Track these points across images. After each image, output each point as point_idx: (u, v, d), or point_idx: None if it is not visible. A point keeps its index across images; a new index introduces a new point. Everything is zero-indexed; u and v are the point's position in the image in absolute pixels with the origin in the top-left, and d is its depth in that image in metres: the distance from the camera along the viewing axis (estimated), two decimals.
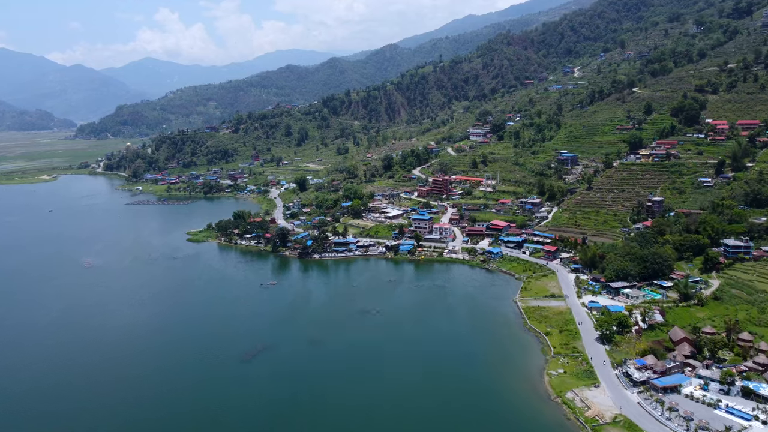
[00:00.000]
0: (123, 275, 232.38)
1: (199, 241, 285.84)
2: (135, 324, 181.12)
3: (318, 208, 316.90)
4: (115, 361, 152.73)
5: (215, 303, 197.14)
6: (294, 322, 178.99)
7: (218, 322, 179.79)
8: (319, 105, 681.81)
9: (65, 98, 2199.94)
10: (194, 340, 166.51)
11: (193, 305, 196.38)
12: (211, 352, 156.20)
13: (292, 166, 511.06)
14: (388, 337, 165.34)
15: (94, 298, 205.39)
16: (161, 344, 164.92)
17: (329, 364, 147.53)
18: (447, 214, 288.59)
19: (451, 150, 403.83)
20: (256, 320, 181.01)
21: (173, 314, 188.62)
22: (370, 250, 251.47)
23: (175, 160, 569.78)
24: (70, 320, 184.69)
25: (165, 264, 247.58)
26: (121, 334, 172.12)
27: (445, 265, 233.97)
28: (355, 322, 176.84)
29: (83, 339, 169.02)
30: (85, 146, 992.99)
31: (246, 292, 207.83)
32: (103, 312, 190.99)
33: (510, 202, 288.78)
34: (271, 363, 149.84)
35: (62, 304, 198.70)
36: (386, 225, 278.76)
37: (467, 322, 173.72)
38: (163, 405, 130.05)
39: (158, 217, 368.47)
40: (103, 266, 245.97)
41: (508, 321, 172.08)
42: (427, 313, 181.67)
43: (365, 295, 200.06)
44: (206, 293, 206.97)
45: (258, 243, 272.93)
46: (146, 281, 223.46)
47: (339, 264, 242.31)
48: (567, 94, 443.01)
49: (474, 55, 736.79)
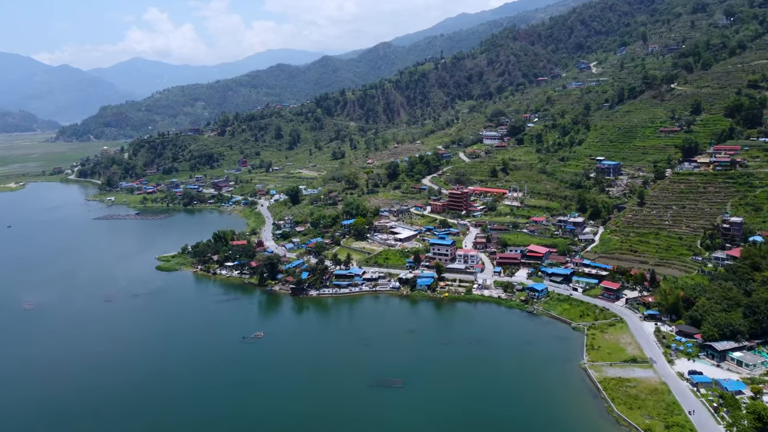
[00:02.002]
0: (64, 323, 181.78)
1: (171, 270, 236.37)
2: (47, 407, 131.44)
3: (314, 227, 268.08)
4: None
5: (180, 369, 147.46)
6: (286, 402, 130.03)
7: (178, 403, 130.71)
8: (312, 105, 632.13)
9: (52, 99, 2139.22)
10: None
11: (146, 375, 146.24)
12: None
13: (283, 172, 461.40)
14: (420, 428, 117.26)
15: (13, 361, 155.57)
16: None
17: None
18: (470, 235, 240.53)
19: (464, 155, 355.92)
20: (235, 398, 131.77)
21: (115, 392, 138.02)
22: (379, 284, 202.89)
23: (154, 166, 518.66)
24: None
25: (123, 305, 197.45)
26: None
27: (474, 305, 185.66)
28: (371, 401, 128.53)
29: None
30: (65, 149, 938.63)
31: (222, 349, 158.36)
32: (15, 384, 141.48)
33: (544, 220, 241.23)
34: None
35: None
36: (397, 250, 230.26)
37: (526, 407, 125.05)
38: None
39: (128, 234, 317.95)
40: (44, 307, 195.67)
41: (583, 402, 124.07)
42: (468, 389, 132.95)
43: (380, 354, 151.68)
44: (168, 354, 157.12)
45: (242, 273, 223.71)
46: (91, 333, 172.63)
47: (342, 304, 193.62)
48: (590, 92, 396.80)
49: (477, 51, 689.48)
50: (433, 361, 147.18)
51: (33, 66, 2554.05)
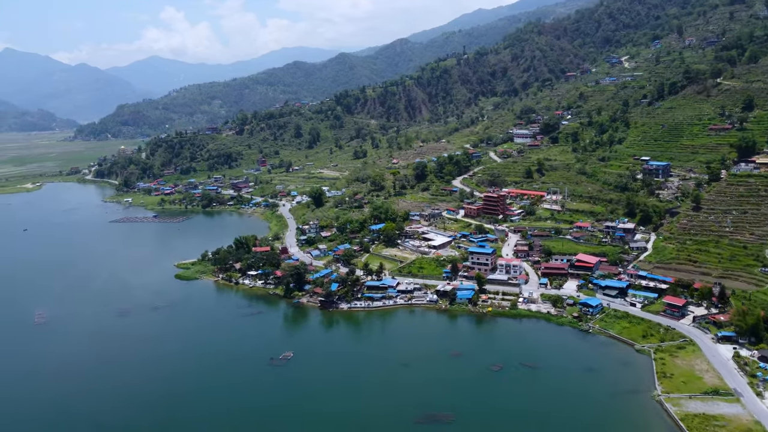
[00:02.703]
0: (76, 342, 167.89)
1: (191, 279, 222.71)
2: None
3: (340, 232, 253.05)
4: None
5: (203, 398, 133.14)
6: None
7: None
8: (332, 102, 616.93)
9: (70, 98, 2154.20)
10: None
11: (165, 405, 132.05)
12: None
13: (303, 172, 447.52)
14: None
15: (17, 388, 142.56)
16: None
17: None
18: (509, 242, 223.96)
19: (494, 155, 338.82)
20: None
21: (131, 425, 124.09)
22: (415, 296, 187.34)
23: (172, 166, 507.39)
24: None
25: (139, 319, 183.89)
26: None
27: (521, 321, 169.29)
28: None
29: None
30: (82, 148, 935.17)
31: (249, 373, 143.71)
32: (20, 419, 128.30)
33: (589, 225, 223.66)
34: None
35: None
36: (431, 258, 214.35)
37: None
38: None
39: (145, 239, 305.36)
40: (56, 322, 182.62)
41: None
42: (529, 426, 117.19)
43: (424, 381, 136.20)
44: (190, 378, 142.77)
45: (266, 283, 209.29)
46: (103, 355, 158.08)
47: (375, 318, 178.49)
48: (625, 88, 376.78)
49: (501, 46, 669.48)
50: (484, 390, 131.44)
51: (51, 65, 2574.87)
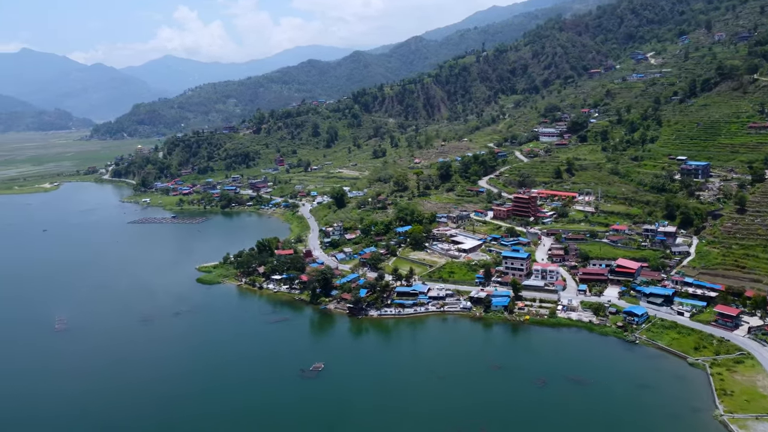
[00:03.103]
0: (97, 349, 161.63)
1: (213, 283, 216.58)
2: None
3: (364, 235, 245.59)
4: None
5: (233, 415, 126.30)
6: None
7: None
8: (349, 101, 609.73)
9: (86, 97, 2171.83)
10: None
11: (192, 420, 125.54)
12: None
13: (322, 171, 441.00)
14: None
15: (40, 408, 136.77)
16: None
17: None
18: (542, 245, 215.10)
19: (520, 154, 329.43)
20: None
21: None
22: (447, 303, 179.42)
23: (189, 166, 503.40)
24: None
25: (162, 326, 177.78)
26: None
27: (560, 331, 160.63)
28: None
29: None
30: (99, 147, 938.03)
31: (279, 386, 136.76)
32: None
33: (627, 228, 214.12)
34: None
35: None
36: (462, 262, 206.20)
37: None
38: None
39: (165, 241, 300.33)
40: (77, 328, 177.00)
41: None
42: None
43: (463, 396, 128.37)
44: (217, 391, 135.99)
45: (291, 288, 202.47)
46: (126, 364, 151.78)
47: (407, 327, 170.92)
48: (654, 84, 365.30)
49: (521, 42, 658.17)
50: (529, 406, 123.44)
51: (68, 65, 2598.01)
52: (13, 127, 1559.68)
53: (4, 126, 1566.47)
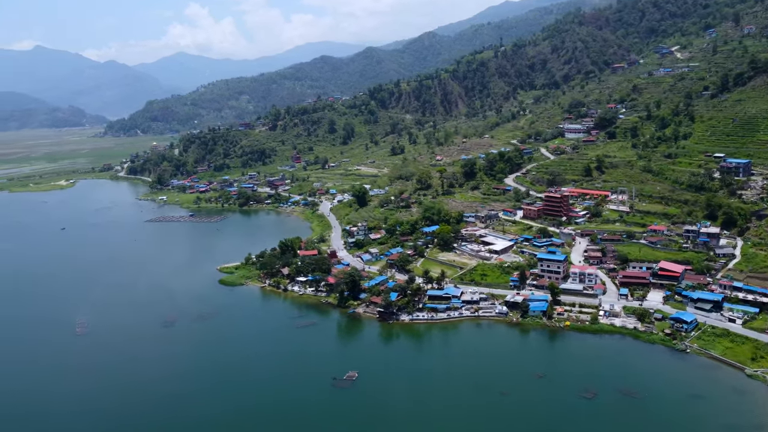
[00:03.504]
0: (120, 355, 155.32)
1: (236, 284, 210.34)
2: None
3: (390, 235, 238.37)
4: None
5: (264, 426, 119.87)
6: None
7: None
8: (366, 97, 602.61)
9: (99, 94, 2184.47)
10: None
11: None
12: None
13: (340, 169, 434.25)
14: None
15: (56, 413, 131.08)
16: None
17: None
18: (577, 247, 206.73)
19: (546, 151, 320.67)
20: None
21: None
22: (482, 307, 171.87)
23: (205, 163, 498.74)
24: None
25: (185, 330, 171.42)
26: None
27: (603, 338, 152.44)
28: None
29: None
30: (113, 144, 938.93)
31: (313, 397, 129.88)
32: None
33: (665, 229, 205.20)
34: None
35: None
36: (494, 264, 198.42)
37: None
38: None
39: (183, 240, 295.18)
40: (98, 332, 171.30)
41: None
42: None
43: (507, 407, 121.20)
44: (248, 404, 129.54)
45: (317, 290, 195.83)
46: (150, 372, 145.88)
47: (440, 332, 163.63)
48: (683, 79, 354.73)
49: (539, 37, 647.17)
50: (579, 421, 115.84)
51: (81, 62, 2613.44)
52: (27, 124, 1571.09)
53: (18, 123, 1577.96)
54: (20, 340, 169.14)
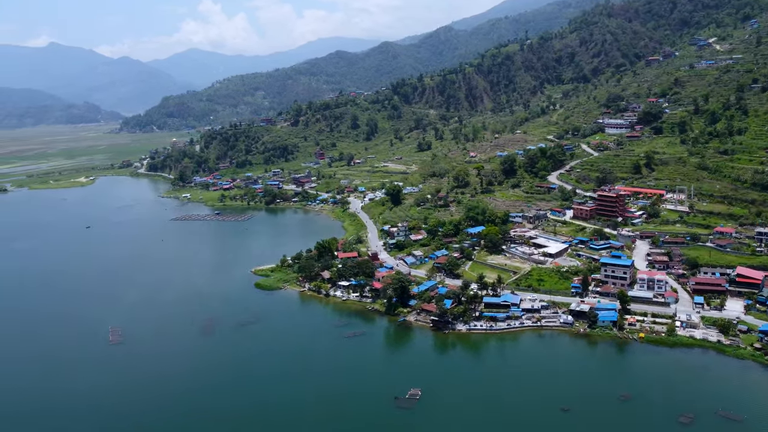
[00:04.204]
0: (158, 369, 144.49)
1: (273, 289, 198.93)
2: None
3: (431, 236, 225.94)
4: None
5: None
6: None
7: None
8: (388, 92, 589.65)
9: (113, 91, 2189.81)
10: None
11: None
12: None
13: (366, 165, 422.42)
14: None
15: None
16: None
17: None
18: (637, 250, 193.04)
19: (588, 147, 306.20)
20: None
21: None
22: (544, 316, 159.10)
23: (227, 159, 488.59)
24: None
25: (224, 340, 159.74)
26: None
27: (683, 352, 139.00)
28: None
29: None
30: (129, 140, 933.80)
31: (374, 417, 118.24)
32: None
33: (734, 231, 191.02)
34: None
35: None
36: (550, 268, 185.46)
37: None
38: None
39: (211, 239, 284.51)
40: (132, 341, 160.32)
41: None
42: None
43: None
44: (305, 425, 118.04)
45: (362, 296, 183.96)
46: (196, 387, 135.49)
47: (501, 344, 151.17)
48: (728, 72, 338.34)
49: (566, 30, 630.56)
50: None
51: (95, 59, 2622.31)
52: (43, 120, 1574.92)
53: (34, 119, 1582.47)
54: (53, 348, 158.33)
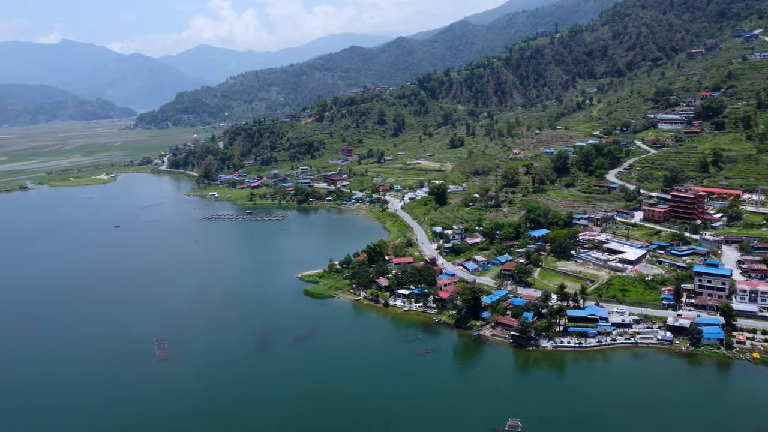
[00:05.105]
0: (218, 388, 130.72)
1: (324, 296, 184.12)
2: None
3: (489, 239, 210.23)
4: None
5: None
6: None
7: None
8: (415, 87, 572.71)
9: (125, 87, 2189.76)
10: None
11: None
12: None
13: (397, 162, 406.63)
14: None
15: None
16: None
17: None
18: (725, 256, 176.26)
19: (643, 144, 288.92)
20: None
21: None
22: (638, 332, 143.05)
23: (251, 156, 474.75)
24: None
25: (281, 356, 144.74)
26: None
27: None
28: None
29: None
30: (146, 137, 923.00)
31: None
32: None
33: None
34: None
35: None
36: (632, 276, 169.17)
37: None
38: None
39: (247, 241, 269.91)
40: (183, 357, 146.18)
41: None
42: None
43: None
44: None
45: (425, 307, 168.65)
46: (263, 409, 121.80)
47: (592, 364, 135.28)
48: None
49: (597, 23, 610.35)
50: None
51: (106, 55, 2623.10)
52: (57, 117, 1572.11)
53: (48, 115, 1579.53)
54: (96, 366, 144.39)
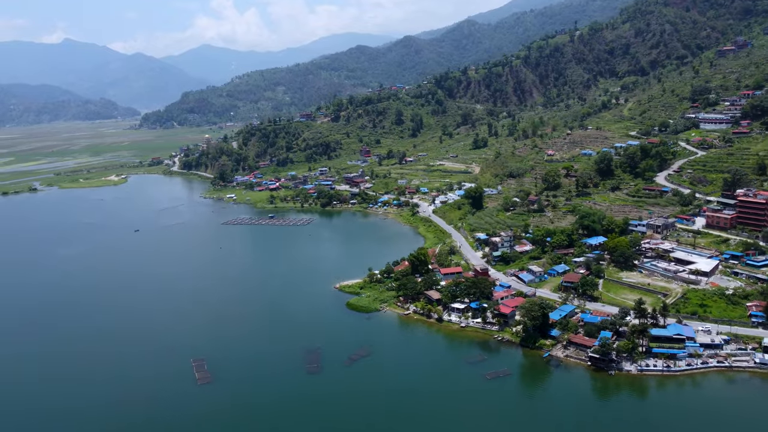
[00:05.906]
0: (269, 422, 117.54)
1: (369, 310, 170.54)
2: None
3: (539, 248, 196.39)
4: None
5: None
6: None
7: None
8: (432, 86, 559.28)
9: (127, 86, 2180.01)
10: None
11: None
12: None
13: (420, 164, 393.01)
14: None
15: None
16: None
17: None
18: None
19: (687, 144, 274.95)
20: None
21: None
22: (732, 354, 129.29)
23: (267, 157, 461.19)
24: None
25: (341, 379, 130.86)
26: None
27: None
28: None
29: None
30: (152, 137, 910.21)
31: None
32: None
33: None
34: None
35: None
36: (709, 290, 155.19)
37: None
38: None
39: (275, 247, 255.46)
40: (226, 383, 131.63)
41: None
42: None
43: None
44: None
45: (484, 323, 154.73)
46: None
47: (679, 392, 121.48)
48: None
49: (618, 20, 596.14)
50: None
51: (109, 55, 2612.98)
52: (60, 116, 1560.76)
53: (51, 115, 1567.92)
54: (132, 390, 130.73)
